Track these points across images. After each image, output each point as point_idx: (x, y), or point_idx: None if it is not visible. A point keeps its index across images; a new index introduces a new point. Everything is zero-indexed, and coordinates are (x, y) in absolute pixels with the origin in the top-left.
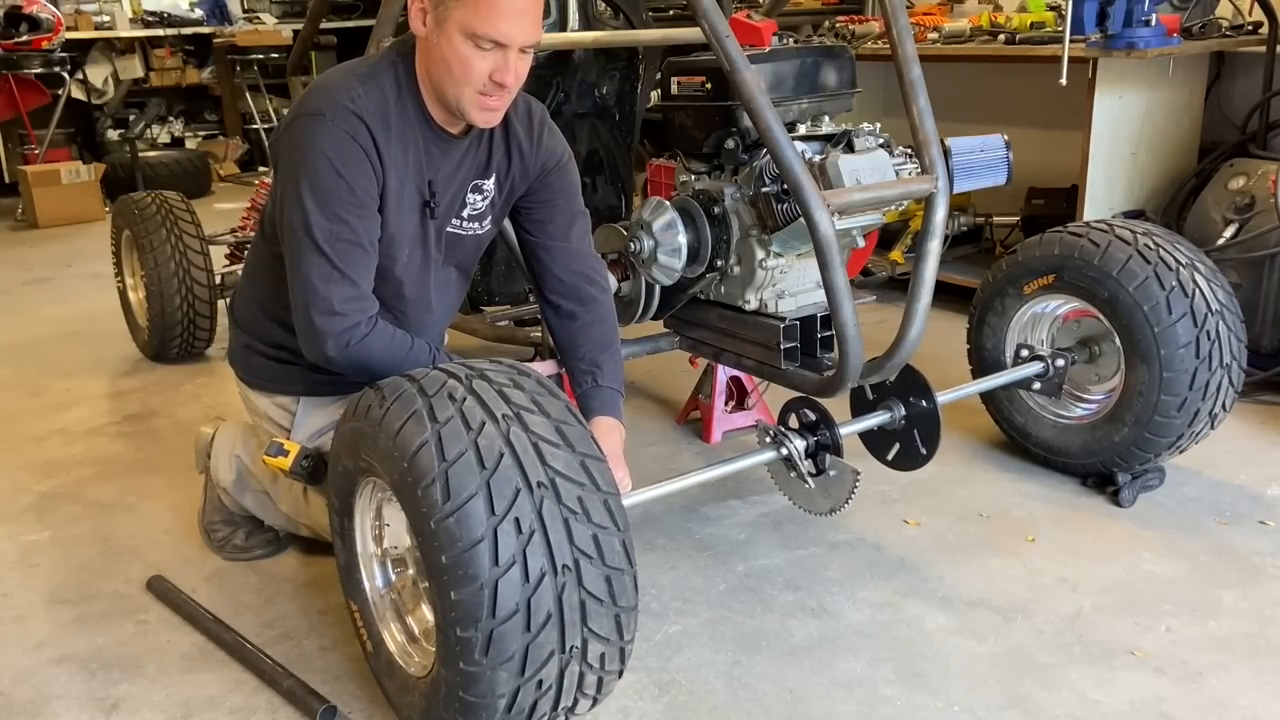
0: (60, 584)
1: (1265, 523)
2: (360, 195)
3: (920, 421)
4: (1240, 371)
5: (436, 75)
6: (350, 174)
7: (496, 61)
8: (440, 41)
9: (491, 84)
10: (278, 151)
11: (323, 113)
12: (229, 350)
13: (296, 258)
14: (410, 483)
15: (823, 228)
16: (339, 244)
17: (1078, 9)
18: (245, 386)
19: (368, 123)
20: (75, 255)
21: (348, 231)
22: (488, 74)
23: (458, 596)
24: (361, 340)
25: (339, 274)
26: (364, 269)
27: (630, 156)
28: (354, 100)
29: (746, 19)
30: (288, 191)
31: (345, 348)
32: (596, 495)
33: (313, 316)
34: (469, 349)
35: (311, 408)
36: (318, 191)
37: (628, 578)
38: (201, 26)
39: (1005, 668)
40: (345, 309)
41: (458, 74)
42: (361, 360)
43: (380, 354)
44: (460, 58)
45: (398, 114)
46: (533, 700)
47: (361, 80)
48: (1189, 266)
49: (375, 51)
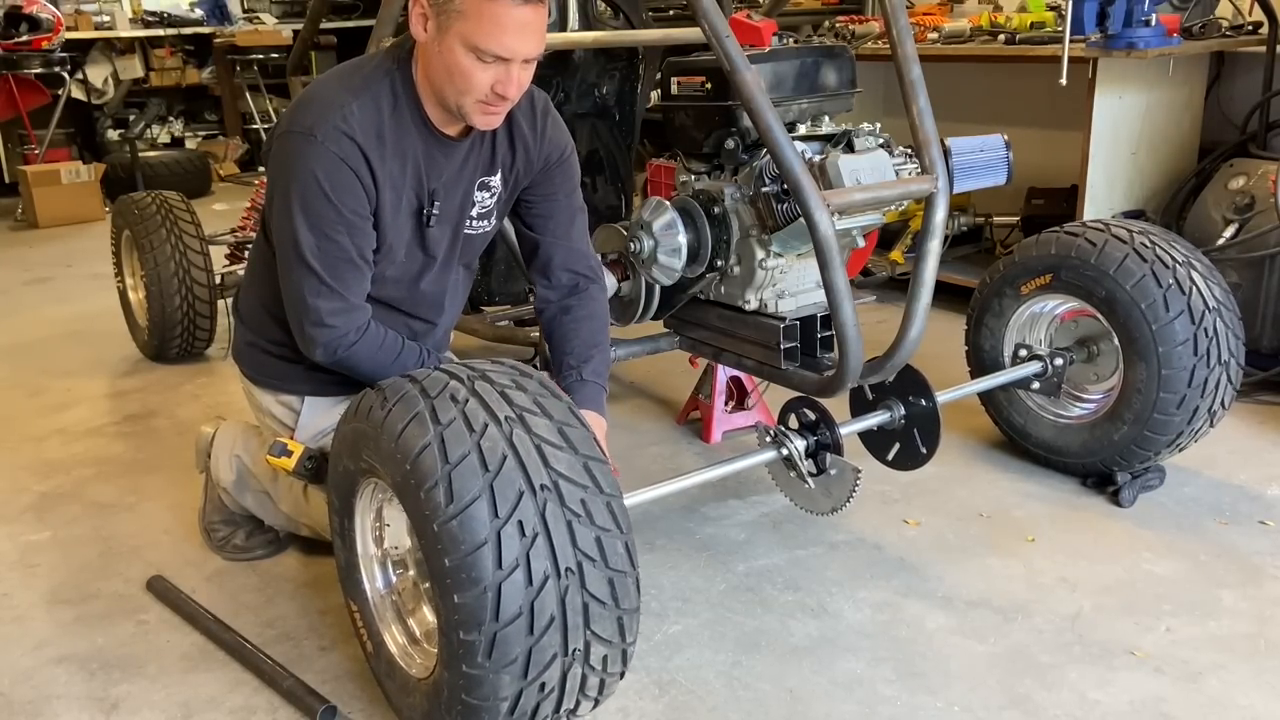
0: (60, 584)
1: (1265, 523)
2: (349, 216)
3: (920, 421)
4: (1239, 368)
5: (437, 81)
6: (340, 196)
7: (499, 74)
8: (441, 50)
9: (493, 94)
10: (270, 163)
11: (314, 133)
12: (233, 347)
13: (287, 269)
14: (413, 485)
15: (823, 228)
16: (328, 260)
17: (1078, 9)
18: (250, 384)
19: (360, 143)
20: (75, 255)
21: (336, 249)
22: (489, 86)
23: (461, 600)
24: (350, 348)
25: (327, 288)
26: (353, 282)
27: (630, 156)
28: (346, 119)
29: (746, 19)
30: (279, 204)
31: (334, 354)
32: (600, 498)
33: (304, 325)
34: (469, 349)
35: (317, 408)
36: (308, 212)
37: (630, 580)
38: (201, 26)
39: (1005, 668)
40: (334, 321)
41: (459, 84)
42: (351, 365)
43: (367, 360)
44: (461, 69)
45: (393, 126)
46: (535, 703)
47: (355, 94)
48: (1185, 264)
49: (374, 51)
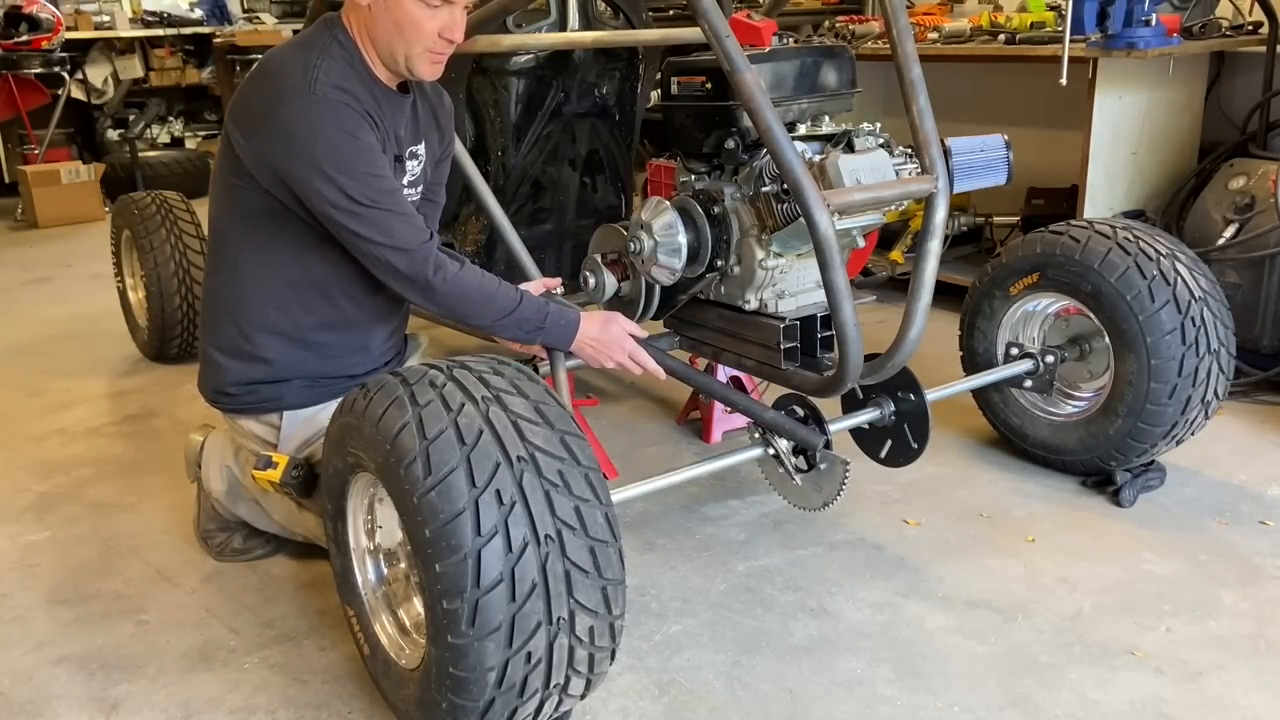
0: (60, 584)
1: (1265, 523)
2: (377, 152)
3: (910, 417)
4: (1230, 358)
5: (384, 39)
6: (362, 134)
7: (445, 19)
8: (389, 5)
9: (441, 40)
10: (271, 147)
11: (310, 91)
12: (205, 386)
13: (352, 229)
14: (393, 463)
15: (823, 228)
16: (384, 195)
17: (1078, 9)
18: (230, 416)
19: (347, 88)
20: (75, 255)
21: (385, 183)
22: (437, 32)
23: (442, 569)
24: (458, 273)
25: (399, 216)
26: (411, 208)
27: (630, 156)
28: (328, 74)
29: (746, 19)
30: (307, 178)
31: (446, 280)
32: (577, 469)
33: (402, 268)
34: (469, 349)
35: (296, 419)
36: (340, 164)
37: (612, 550)
38: (201, 26)
39: (1005, 668)
40: (426, 244)
41: (409, 35)
42: (463, 292)
43: (475, 289)
44: (411, 18)
45: (355, 78)
46: (523, 675)
47: (318, 54)
48: (1169, 256)
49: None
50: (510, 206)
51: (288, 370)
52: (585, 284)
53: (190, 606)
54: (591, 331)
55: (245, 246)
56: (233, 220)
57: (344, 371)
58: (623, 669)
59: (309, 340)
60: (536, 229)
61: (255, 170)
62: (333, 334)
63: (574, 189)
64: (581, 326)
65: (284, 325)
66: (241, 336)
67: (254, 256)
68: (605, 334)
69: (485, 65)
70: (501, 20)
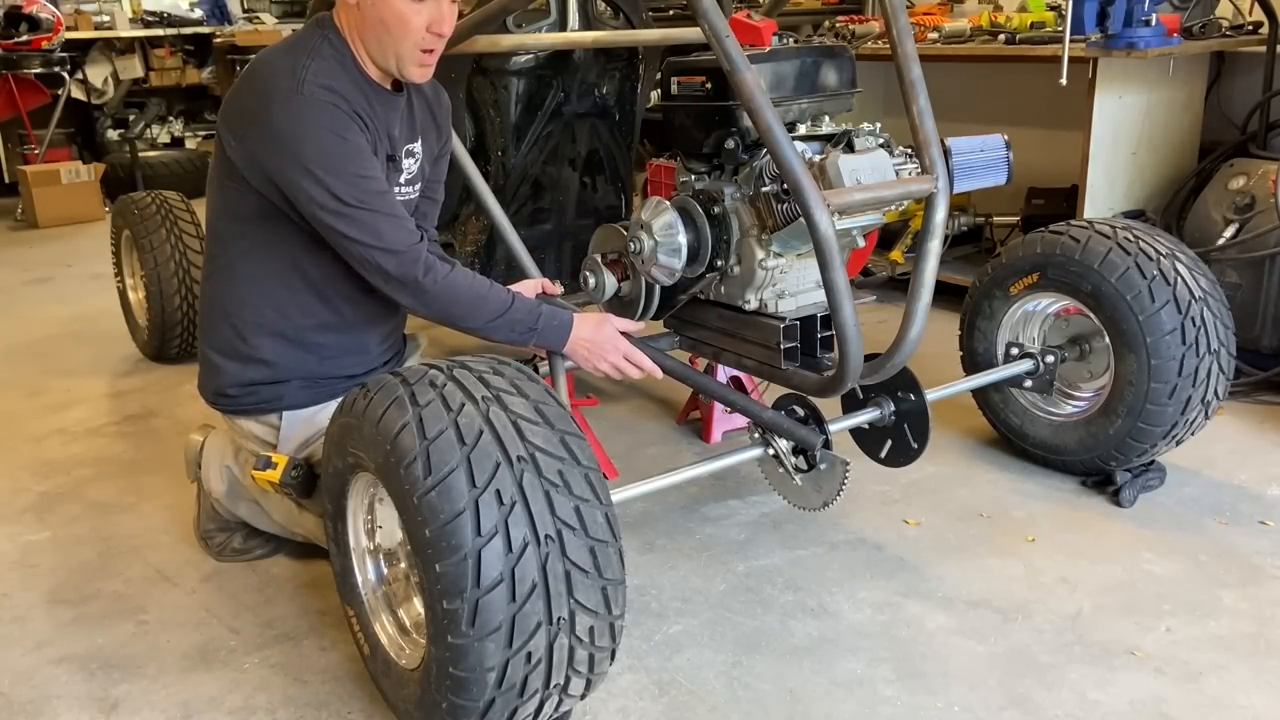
0: (60, 584)
1: (1265, 523)
2: (366, 152)
3: (910, 416)
4: (1230, 358)
5: (374, 37)
6: (349, 135)
7: (432, 13)
8: (375, 3)
9: (430, 36)
10: (260, 148)
11: (298, 92)
12: (205, 388)
13: (341, 229)
14: (393, 463)
15: (823, 228)
16: (371, 196)
17: (1078, 9)
18: (229, 417)
19: (336, 88)
20: (75, 255)
21: (373, 184)
22: (425, 27)
23: (442, 569)
24: (448, 275)
25: (387, 217)
26: (400, 209)
27: (630, 156)
28: (316, 75)
29: (746, 19)
30: (295, 180)
31: (435, 282)
32: (577, 469)
33: (391, 270)
34: (469, 349)
35: (296, 419)
36: (327, 165)
37: (612, 550)
38: (201, 26)
39: (1005, 668)
40: (414, 245)
41: (397, 31)
42: (452, 294)
43: (466, 290)
44: (398, 15)
45: (346, 79)
46: (523, 675)
47: (308, 55)
48: (1169, 256)
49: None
50: (510, 206)
51: (286, 371)
52: (585, 284)
53: (190, 606)
54: (585, 333)
55: (241, 249)
56: (228, 222)
57: (343, 372)
58: (623, 669)
59: (307, 341)
60: (536, 229)
61: (246, 172)
62: (330, 335)
63: (574, 189)
64: (575, 328)
65: (281, 327)
66: (239, 338)
67: (250, 258)
68: (598, 335)
69: (485, 65)
70: (501, 20)
